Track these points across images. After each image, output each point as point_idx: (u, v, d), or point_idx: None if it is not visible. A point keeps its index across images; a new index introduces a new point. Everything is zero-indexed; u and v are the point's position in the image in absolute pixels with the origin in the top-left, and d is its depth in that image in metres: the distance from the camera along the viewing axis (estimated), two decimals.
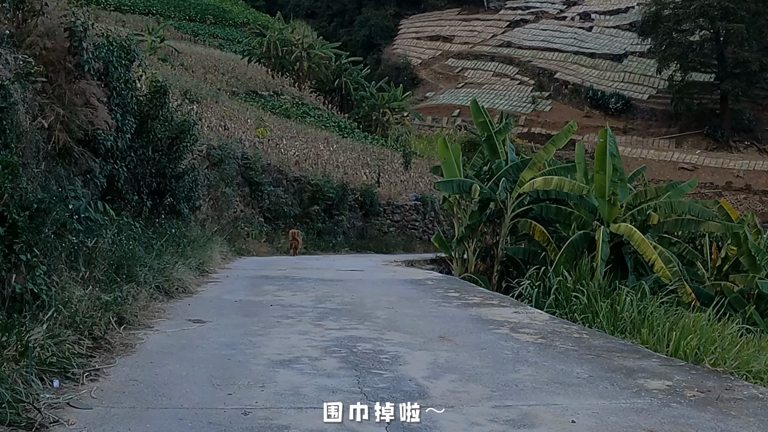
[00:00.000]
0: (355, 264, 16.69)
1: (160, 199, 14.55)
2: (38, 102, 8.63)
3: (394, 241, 28.89)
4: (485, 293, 11.09)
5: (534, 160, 21.20)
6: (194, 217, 17.16)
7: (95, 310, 6.76)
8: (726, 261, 21.74)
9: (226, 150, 21.58)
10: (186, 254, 12.60)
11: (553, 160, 23.65)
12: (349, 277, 12.86)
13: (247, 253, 19.02)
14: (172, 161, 14.59)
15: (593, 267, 17.83)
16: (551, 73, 73.87)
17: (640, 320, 13.01)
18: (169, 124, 14.64)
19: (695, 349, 10.82)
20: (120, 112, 12.11)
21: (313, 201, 25.80)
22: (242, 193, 22.89)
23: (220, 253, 14.89)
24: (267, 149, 26.78)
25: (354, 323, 7.83)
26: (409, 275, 13.51)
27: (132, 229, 12.04)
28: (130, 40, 13.72)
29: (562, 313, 14.23)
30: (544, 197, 20.92)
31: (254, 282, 11.54)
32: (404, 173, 35.69)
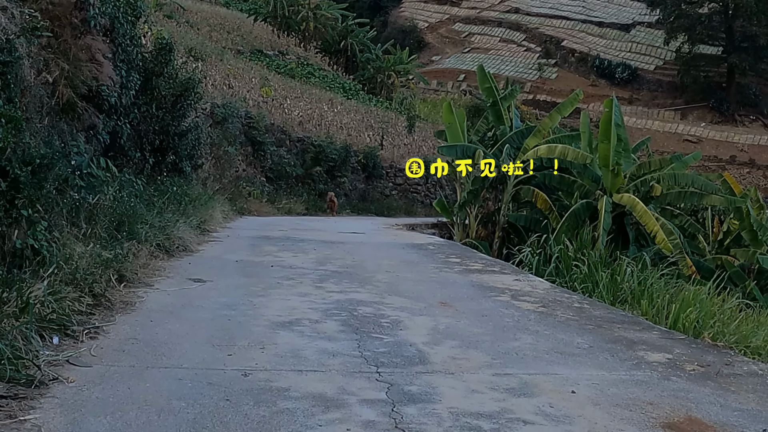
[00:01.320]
0: (356, 226, 16.66)
1: (162, 157, 14.49)
2: (43, 57, 8.54)
3: (396, 205, 28.88)
4: (486, 260, 11.05)
5: (539, 127, 21.13)
6: (196, 176, 17.11)
7: (96, 267, 6.72)
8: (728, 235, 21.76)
9: (230, 109, 21.46)
10: (187, 213, 12.57)
11: (558, 128, 23.54)
12: (351, 239, 12.85)
13: (249, 213, 18.99)
14: (175, 119, 14.52)
15: (595, 237, 17.81)
16: (558, 40, 73.36)
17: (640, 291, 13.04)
18: (174, 81, 14.54)
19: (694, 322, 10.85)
20: (125, 68, 12.03)
21: (315, 162, 25.72)
22: (245, 153, 22.81)
23: (222, 213, 14.85)
24: (271, 109, 26.64)
25: (355, 286, 7.81)
26: (411, 239, 13.50)
27: (134, 186, 11.99)
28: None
29: (562, 282, 14.17)
30: (547, 165, 20.85)
31: (255, 242, 11.52)
32: (408, 137, 35.58)
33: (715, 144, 58.55)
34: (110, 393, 3.92)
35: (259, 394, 4.06)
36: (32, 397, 3.71)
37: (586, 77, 68.35)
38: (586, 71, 69.30)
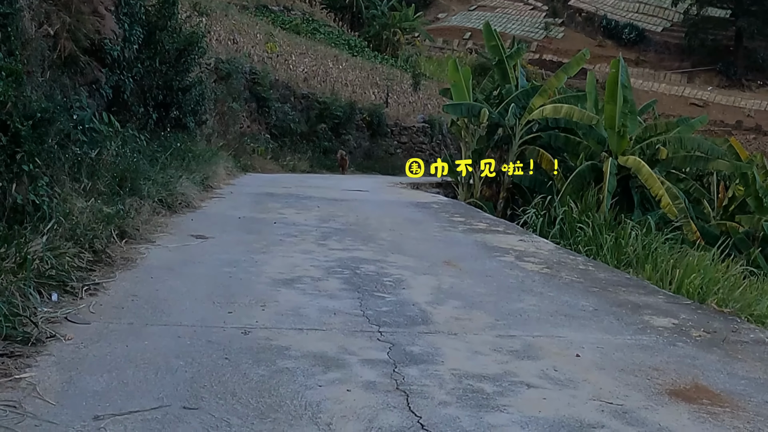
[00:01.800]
0: (360, 184, 16.55)
1: (166, 112, 14.36)
2: (44, 9, 8.37)
3: (400, 163, 28.70)
4: (491, 219, 10.96)
5: (545, 87, 20.92)
6: (200, 131, 16.97)
7: (97, 222, 6.63)
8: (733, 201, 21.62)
9: (234, 64, 21.25)
10: (190, 168, 12.46)
11: (564, 88, 23.32)
12: (354, 197, 12.75)
13: (252, 169, 18.87)
14: (179, 73, 14.35)
15: (599, 199, 17.70)
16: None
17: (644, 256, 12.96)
18: (178, 35, 14.35)
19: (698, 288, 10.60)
20: (128, 21, 11.84)
21: (320, 119, 25.56)
22: (249, 109, 22.64)
23: (225, 169, 14.75)
24: (275, 65, 26.42)
25: (358, 244, 7.72)
26: (415, 198, 13.39)
27: (137, 142, 11.89)
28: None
29: (566, 244, 14.16)
30: (553, 125, 20.70)
31: (258, 199, 11.42)
32: (413, 95, 35.35)
33: (722, 108, 58.20)
34: (108, 351, 3.84)
35: (259, 352, 3.98)
36: (28, 355, 3.63)
37: (592, 37, 67.76)
38: (593, 31, 68.71)
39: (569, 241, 14.72)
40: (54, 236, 5.58)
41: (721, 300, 11.33)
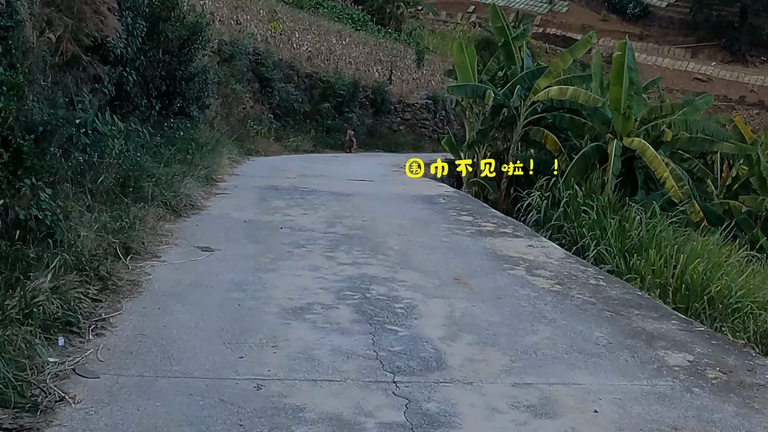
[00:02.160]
0: (364, 170, 16.41)
1: (169, 102, 14.21)
2: (46, 14, 8.20)
3: (403, 140, 28.58)
4: (498, 218, 10.77)
5: (550, 68, 20.76)
6: (204, 116, 16.81)
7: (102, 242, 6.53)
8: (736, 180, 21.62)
9: (238, 46, 21.02)
10: (194, 162, 12.34)
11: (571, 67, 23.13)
12: (360, 190, 12.55)
13: (256, 153, 18.70)
14: (182, 63, 14.17)
15: (604, 181, 17.64)
16: None
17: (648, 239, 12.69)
18: (181, 24, 14.17)
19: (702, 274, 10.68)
20: (131, 15, 11.69)
21: (323, 98, 25.36)
22: (252, 89, 22.42)
23: (229, 158, 14.58)
24: (279, 44, 26.14)
25: (366, 255, 7.61)
26: (420, 190, 13.16)
27: (140, 136, 11.77)
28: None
29: (570, 227, 14.11)
30: (558, 106, 20.58)
31: (263, 195, 11.27)
32: (416, 71, 35.06)
33: (725, 84, 57.77)
34: (119, 417, 3.71)
35: (273, 416, 3.86)
36: (38, 428, 3.52)
37: (597, 12, 67.10)
38: (597, 5, 67.97)
39: (573, 224, 14.66)
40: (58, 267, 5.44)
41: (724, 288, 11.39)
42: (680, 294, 10.80)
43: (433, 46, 47.39)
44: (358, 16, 45.62)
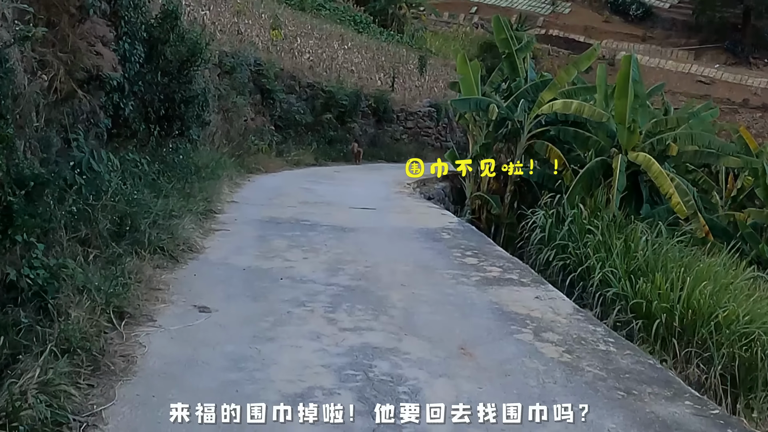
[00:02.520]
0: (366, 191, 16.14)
1: (168, 125, 13.95)
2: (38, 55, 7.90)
3: (406, 149, 28.30)
4: (503, 259, 10.42)
5: (554, 81, 20.63)
6: (203, 134, 16.56)
7: (95, 308, 6.26)
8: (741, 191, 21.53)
9: (239, 58, 20.75)
10: (193, 192, 12.07)
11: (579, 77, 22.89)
12: (362, 222, 12.18)
13: (257, 170, 18.42)
14: (182, 85, 13.89)
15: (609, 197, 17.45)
16: None
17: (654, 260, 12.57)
18: (181, 44, 13.88)
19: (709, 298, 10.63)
20: (128, 41, 11.43)
21: (325, 108, 25.10)
22: (253, 101, 22.15)
23: (228, 183, 14.30)
24: (281, 53, 25.85)
25: (368, 317, 7.30)
26: (424, 221, 12.78)
27: (137, 166, 11.51)
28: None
29: (575, 247, 13.95)
30: (562, 119, 20.37)
31: (263, 232, 10.93)
32: (419, 78, 34.75)
33: (728, 86, 57.47)
34: None
35: None
36: None
37: (599, 13, 66.79)
38: (600, 7, 67.64)
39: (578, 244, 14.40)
40: (48, 353, 5.16)
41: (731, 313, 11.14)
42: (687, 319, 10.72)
43: (436, 49, 47.10)
44: (360, 18, 45.27)
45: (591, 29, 63.25)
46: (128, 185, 10.34)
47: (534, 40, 25.07)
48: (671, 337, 10.41)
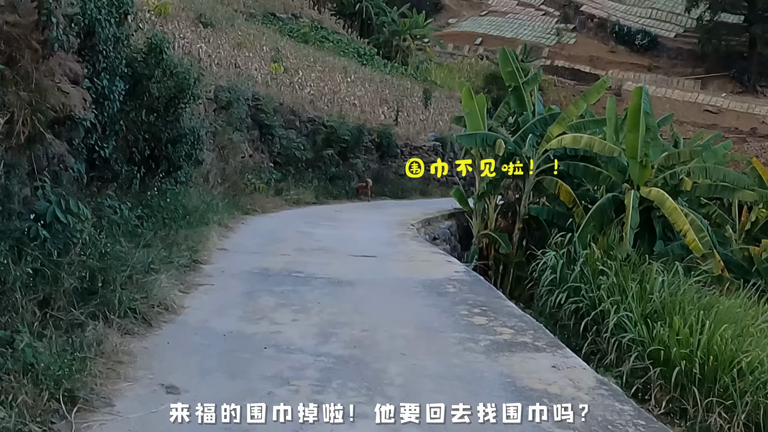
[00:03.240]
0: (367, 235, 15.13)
1: (155, 166, 13.03)
2: None
3: (410, 185, 27.36)
4: (515, 318, 9.25)
5: (563, 115, 19.86)
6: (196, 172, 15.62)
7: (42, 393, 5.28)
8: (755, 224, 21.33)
9: (236, 92, 19.80)
10: (178, 241, 11.06)
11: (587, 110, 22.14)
12: (361, 273, 11.06)
13: (253, 211, 17.40)
14: (168, 124, 12.96)
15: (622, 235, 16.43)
16: (577, 5, 70.94)
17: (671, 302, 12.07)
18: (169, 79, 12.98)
19: (730, 343, 10.22)
20: (107, 78, 10.48)
21: (327, 144, 24.14)
22: (251, 137, 21.20)
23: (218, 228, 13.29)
24: (280, 87, 24.94)
25: (362, 400, 6.20)
26: (428, 270, 11.64)
27: (116, 211, 10.54)
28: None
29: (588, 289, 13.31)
30: (571, 154, 19.53)
31: (250, 286, 9.81)
32: (424, 111, 33.89)
33: (736, 115, 56.67)
34: None
35: None
36: None
37: (605, 43, 66.20)
38: (605, 37, 67.05)
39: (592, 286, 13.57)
40: None
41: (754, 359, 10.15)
42: (707, 366, 10.15)
43: (441, 80, 46.40)
44: (364, 50, 44.64)
45: (596, 59, 62.56)
46: (103, 235, 9.35)
47: (541, 72, 24.25)
48: (691, 384, 9.97)
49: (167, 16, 27.44)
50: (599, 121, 21.05)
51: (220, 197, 15.77)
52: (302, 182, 21.91)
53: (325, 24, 46.38)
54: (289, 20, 43.74)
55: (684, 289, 12.95)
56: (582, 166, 18.83)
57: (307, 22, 44.63)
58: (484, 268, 19.87)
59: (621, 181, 17.79)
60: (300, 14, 45.72)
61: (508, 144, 19.49)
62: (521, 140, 19.97)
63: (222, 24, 31.73)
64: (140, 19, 12.59)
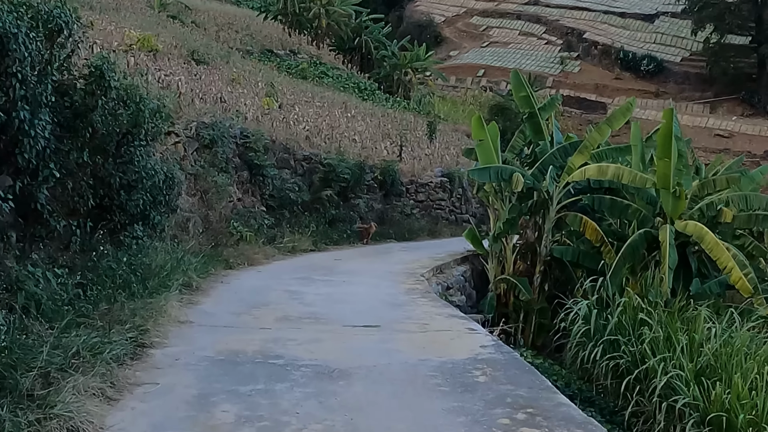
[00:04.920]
0: (370, 291, 12.31)
1: (108, 218, 10.37)
2: None
3: (417, 225, 24.52)
4: (577, 426, 6.33)
5: (585, 143, 17.29)
6: (170, 221, 12.90)
7: None
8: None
9: (220, 129, 17.10)
10: (123, 317, 8.28)
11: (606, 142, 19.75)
12: (360, 356, 8.02)
13: (238, 265, 14.55)
14: (120, 166, 10.27)
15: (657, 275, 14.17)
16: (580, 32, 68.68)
17: (726, 355, 10.43)
18: (122, 110, 10.34)
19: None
20: (28, 109, 7.79)
21: (325, 184, 21.31)
22: (239, 179, 18.43)
23: (184, 294, 10.44)
24: (273, 123, 22.21)
25: None
26: (446, 347, 8.50)
27: (38, 285, 7.83)
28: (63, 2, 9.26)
29: (628, 343, 11.39)
30: (595, 186, 16.85)
31: (208, 386, 6.77)
32: (429, 145, 31.20)
33: (748, 138, 54.05)
34: None
35: None
36: None
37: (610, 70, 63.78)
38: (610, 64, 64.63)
39: (632, 339, 11.58)
40: None
41: None
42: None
43: (444, 114, 43.89)
44: (364, 84, 42.19)
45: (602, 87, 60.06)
46: (13, 320, 6.70)
47: (559, 97, 21.48)
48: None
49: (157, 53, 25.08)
50: (622, 150, 18.53)
51: (195, 251, 12.97)
52: (298, 227, 19.03)
53: (324, 59, 44.03)
54: (287, 56, 41.36)
55: (738, 337, 11.06)
56: (608, 199, 16.45)
57: (305, 58, 42.24)
58: (502, 317, 17.24)
59: (651, 214, 15.53)
60: (298, 50, 43.39)
61: (526, 178, 16.84)
62: (539, 173, 17.38)
63: (216, 61, 29.39)
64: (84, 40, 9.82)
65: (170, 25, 35.61)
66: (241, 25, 44.42)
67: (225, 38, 39.89)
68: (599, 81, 61.28)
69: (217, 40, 38.10)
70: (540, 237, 17.71)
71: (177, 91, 18.04)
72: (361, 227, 21.43)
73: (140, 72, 16.70)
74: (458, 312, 11.01)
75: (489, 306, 17.28)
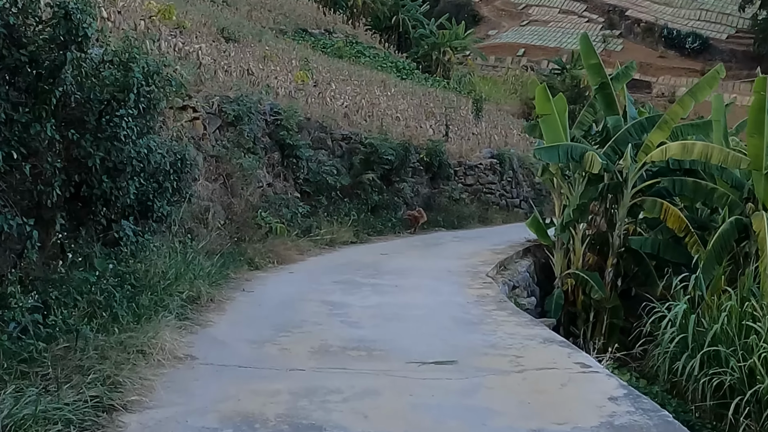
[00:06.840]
0: (429, 296, 9.39)
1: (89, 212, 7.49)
2: None
3: (467, 211, 21.54)
4: None
5: (665, 118, 14.31)
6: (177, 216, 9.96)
7: None
8: None
9: (247, 104, 14.20)
10: (83, 364, 5.43)
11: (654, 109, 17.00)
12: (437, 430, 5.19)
13: (264, 264, 11.65)
14: (102, 143, 7.36)
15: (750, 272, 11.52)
16: (622, 10, 64.95)
17: None
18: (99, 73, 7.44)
19: None
20: None
21: (366, 166, 18.31)
22: (269, 161, 15.50)
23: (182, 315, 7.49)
24: (308, 99, 19.27)
25: None
26: (560, 403, 5.46)
27: None
28: None
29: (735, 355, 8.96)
30: (674, 167, 14.38)
31: None
32: (476, 125, 28.11)
33: None
34: None
35: None
36: None
37: (653, 48, 60.19)
38: (654, 42, 60.98)
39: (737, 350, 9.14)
40: None
41: None
42: None
43: (486, 93, 40.78)
44: (403, 64, 39.24)
45: (646, 66, 56.45)
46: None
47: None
48: None
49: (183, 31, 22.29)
50: (700, 126, 15.53)
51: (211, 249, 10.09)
52: (337, 216, 16.08)
53: (360, 39, 41.12)
54: (321, 36, 38.52)
55: None
56: (690, 182, 13.75)
57: (341, 37, 39.35)
58: (569, 317, 14.77)
59: (739, 199, 13.05)
60: (333, 29, 40.52)
61: (599, 157, 13.96)
62: (612, 152, 14.47)
63: (248, 39, 26.64)
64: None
65: (199, 3, 32.87)
66: (273, 5, 41.60)
67: (257, 17, 37.18)
68: (643, 59, 57.61)
69: (249, 18, 35.40)
70: (612, 225, 14.79)
71: (197, 61, 15.15)
72: (410, 215, 18.46)
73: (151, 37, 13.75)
74: (554, 334, 7.98)
75: (556, 305, 14.66)
